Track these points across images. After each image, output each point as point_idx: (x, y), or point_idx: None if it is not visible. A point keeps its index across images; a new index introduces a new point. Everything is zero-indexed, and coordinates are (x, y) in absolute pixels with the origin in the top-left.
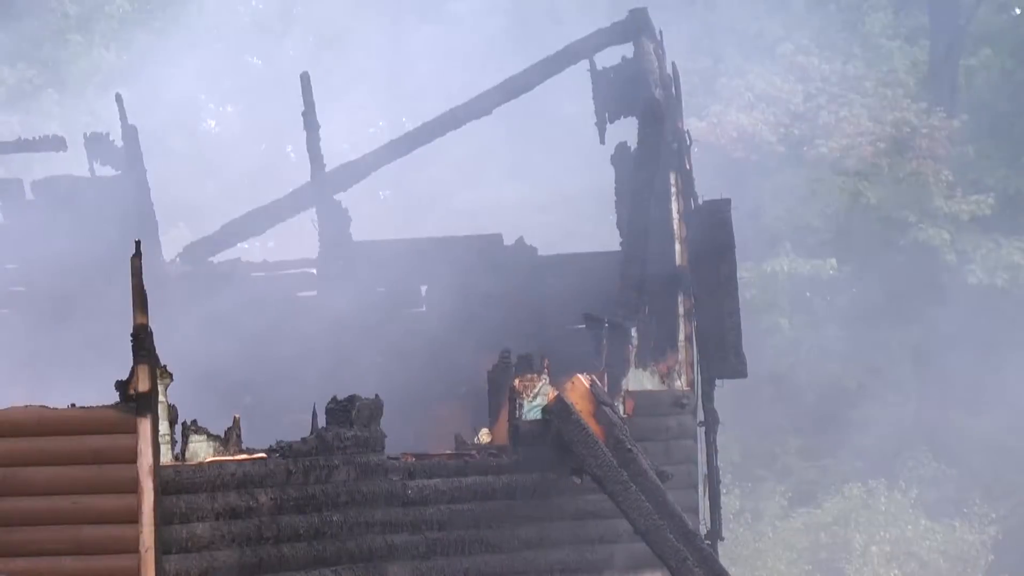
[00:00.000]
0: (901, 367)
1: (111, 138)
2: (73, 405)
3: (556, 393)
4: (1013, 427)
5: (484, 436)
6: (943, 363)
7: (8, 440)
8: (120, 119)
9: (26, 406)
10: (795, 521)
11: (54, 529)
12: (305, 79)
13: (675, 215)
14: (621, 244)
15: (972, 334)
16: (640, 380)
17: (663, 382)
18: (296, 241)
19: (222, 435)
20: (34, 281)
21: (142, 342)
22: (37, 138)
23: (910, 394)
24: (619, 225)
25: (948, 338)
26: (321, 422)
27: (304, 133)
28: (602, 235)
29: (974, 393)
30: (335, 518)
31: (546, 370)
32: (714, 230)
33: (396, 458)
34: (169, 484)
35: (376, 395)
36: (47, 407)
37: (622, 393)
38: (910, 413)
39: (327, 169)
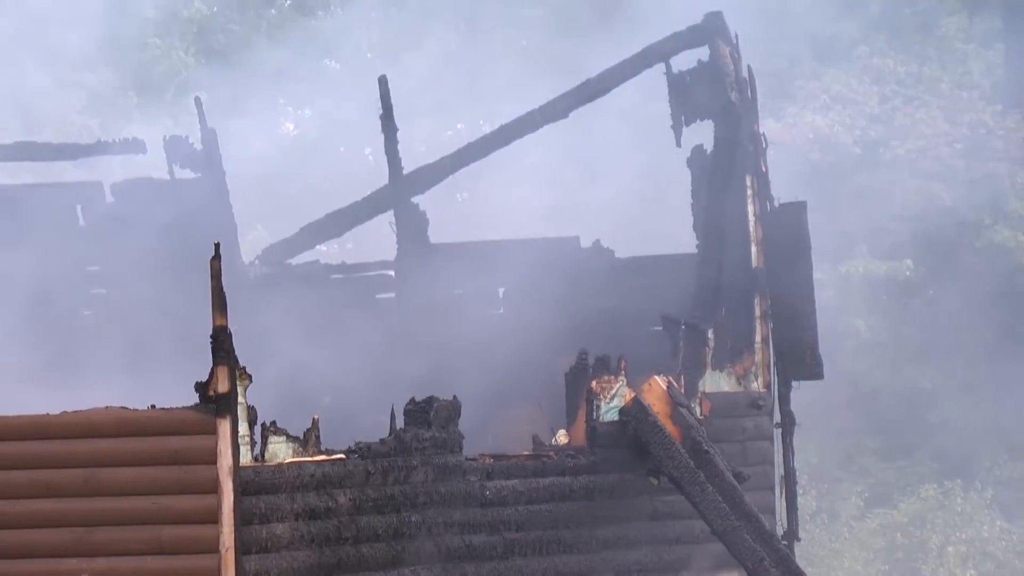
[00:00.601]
0: (977, 368)
1: (190, 141)
2: (153, 406)
3: (633, 394)
4: None
5: (562, 437)
6: (1019, 364)
7: (89, 441)
8: (199, 122)
9: (106, 407)
10: (871, 522)
11: (135, 529)
12: (383, 82)
13: (751, 217)
14: (698, 246)
15: None
16: (717, 382)
17: (740, 384)
18: (375, 243)
19: (301, 436)
20: (114, 283)
21: (221, 343)
22: (117, 141)
23: (986, 395)
24: (696, 228)
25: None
26: (399, 423)
27: (382, 136)
28: (679, 238)
29: None
30: (413, 519)
31: (623, 372)
32: (790, 232)
33: (474, 459)
34: (249, 485)
35: (454, 396)
36: (127, 408)
37: (699, 395)
38: (986, 415)
39: (405, 172)
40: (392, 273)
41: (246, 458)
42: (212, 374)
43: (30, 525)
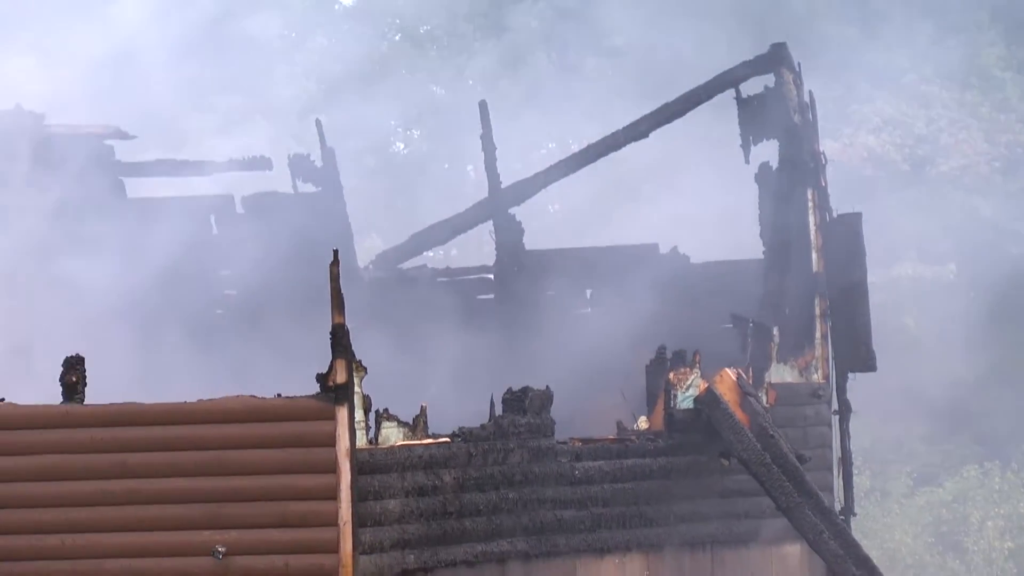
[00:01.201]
0: (1015, 362)
1: (312, 159)
2: (279, 395)
3: (707, 385)
4: None
5: (642, 423)
6: None
7: (222, 426)
8: (320, 142)
9: (237, 396)
10: (919, 499)
11: (263, 505)
12: (483, 107)
13: (812, 227)
14: (764, 253)
15: None
16: (781, 373)
17: (801, 375)
18: (475, 250)
19: (411, 422)
20: (244, 285)
21: (339, 339)
22: (246, 159)
23: (1022, 387)
24: (762, 236)
25: None
26: (498, 411)
27: (482, 154)
28: (747, 245)
29: None
30: (510, 495)
31: (697, 364)
32: (847, 240)
33: (564, 442)
34: (364, 465)
35: (547, 387)
36: (256, 397)
37: (765, 385)
38: (1022, 402)
39: (503, 186)
40: (491, 276)
41: (361, 441)
42: (331, 367)
43: (169, 501)
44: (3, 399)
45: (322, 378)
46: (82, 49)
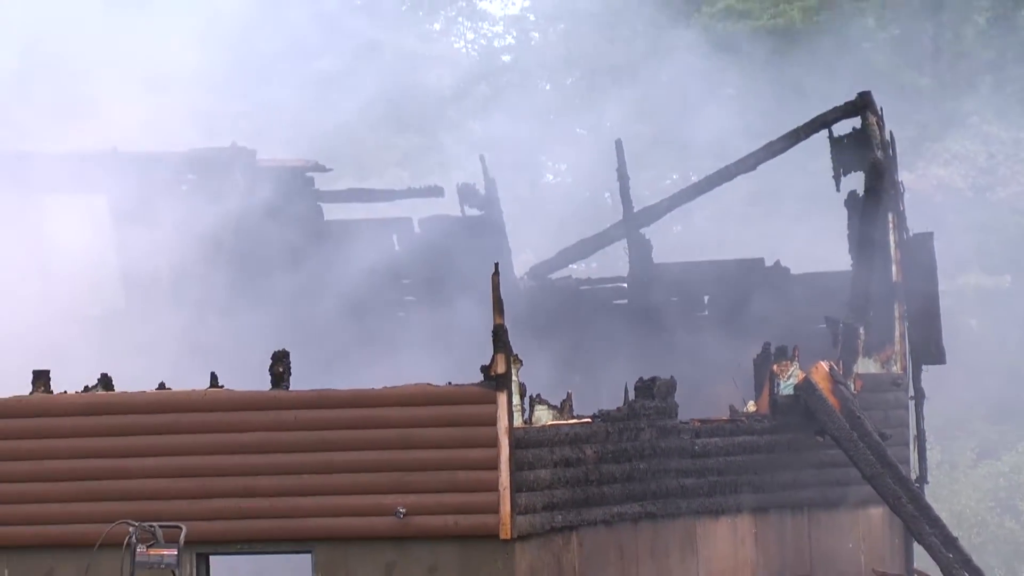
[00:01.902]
0: None
1: (476, 187)
2: (450, 383)
3: (804, 375)
4: None
5: (751, 407)
6: None
7: (403, 408)
8: (483, 174)
9: (416, 383)
10: (981, 470)
11: (437, 473)
12: (619, 145)
13: (892, 244)
14: (852, 265)
15: None
16: (866, 365)
17: (883, 367)
18: (612, 263)
19: (558, 405)
20: (420, 292)
21: (499, 337)
22: (422, 187)
23: None
24: (850, 251)
25: None
26: (631, 396)
27: (618, 183)
28: (837, 258)
29: None
30: (641, 466)
31: (796, 358)
32: (921, 255)
33: (686, 422)
34: (520, 441)
35: (671, 376)
36: (432, 384)
37: (853, 375)
38: None
39: (635, 210)
40: (624, 285)
41: (518, 421)
42: (493, 359)
43: (359, 470)
44: (223, 385)
45: (485, 369)
46: (289, 96)
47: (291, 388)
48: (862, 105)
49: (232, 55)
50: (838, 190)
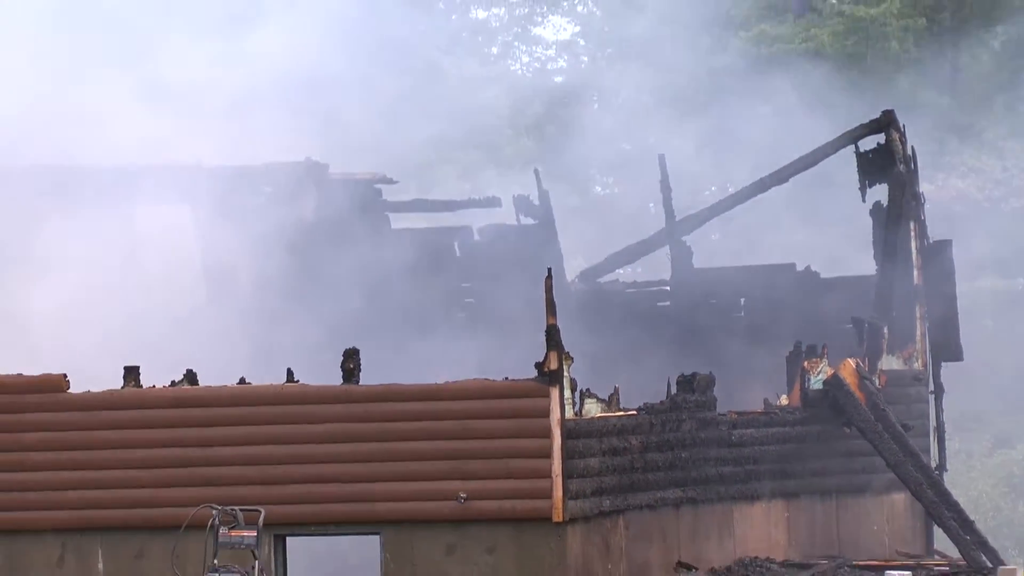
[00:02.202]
0: None
1: (530, 198)
2: (506, 378)
3: (833, 371)
4: None
5: (783, 400)
6: None
7: (463, 402)
8: (537, 186)
9: (475, 379)
10: (996, 458)
11: (494, 462)
12: (662, 159)
13: (914, 250)
14: (876, 269)
15: None
16: (890, 362)
17: (905, 364)
18: (656, 268)
19: (606, 399)
20: (479, 295)
21: (552, 336)
22: (481, 198)
23: None
24: (875, 257)
25: None
26: (673, 390)
27: (661, 195)
28: (863, 263)
29: None
30: (682, 455)
31: (825, 355)
32: (940, 260)
33: (724, 414)
34: (571, 431)
35: (710, 372)
36: (490, 379)
37: (878, 371)
38: None
39: (677, 219)
40: (667, 288)
41: (569, 413)
42: (546, 356)
43: (423, 459)
44: (298, 380)
45: (539, 365)
46: (360, 115)
47: (360, 383)
48: (886, 122)
49: (308, 77)
50: (863, 200)
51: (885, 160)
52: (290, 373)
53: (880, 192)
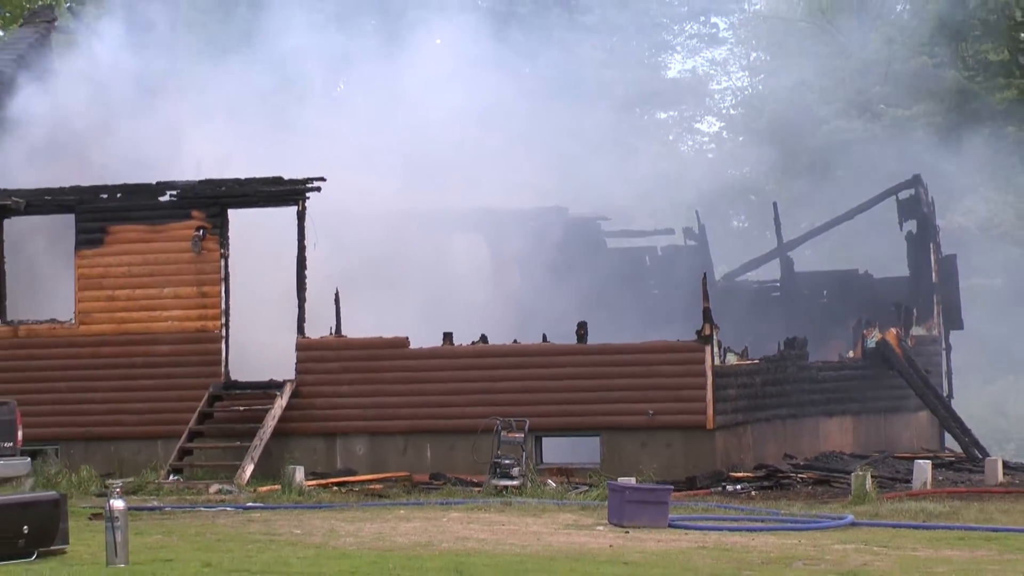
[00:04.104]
0: None
1: (693, 228)
2: (678, 340)
3: (882, 336)
4: None
5: (851, 354)
6: None
7: (652, 354)
8: (696, 220)
9: (658, 340)
10: (996, 387)
11: (669, 392)
12: (775, 206)
13: (933, 262)
14: (910, 274)
15: None
16: (917, 331)
17: (927, 332)
18: (771, 271)
19: (740, 352)
20: (661, 290)
21: (706, 315)
22: (662, 228)
23: None
24: (909, 265)
25: None
26: (782, 347)
27: (774, 225)
28: (901, 268)
29: None
30: (787, 388)
31: (877, 326)
32: (949, 268)
33: (813, 363)
34: (717, 373)
35: (804, 337)
36: (667, 340)
37: (910, 336)
38: None
39: (784, 240)
40: (778, 284)
41: (717, 362)
42: (702, 327)
43: (624, 389)
44: (549, 340)
45: (699, 332)
46: (591, 172)
47: (588, 343)
48: (914, 181)
49: (556, 151)
50: (901, 230)
51: (914, 205)
52: (544, 336)
53: (910, 225)
